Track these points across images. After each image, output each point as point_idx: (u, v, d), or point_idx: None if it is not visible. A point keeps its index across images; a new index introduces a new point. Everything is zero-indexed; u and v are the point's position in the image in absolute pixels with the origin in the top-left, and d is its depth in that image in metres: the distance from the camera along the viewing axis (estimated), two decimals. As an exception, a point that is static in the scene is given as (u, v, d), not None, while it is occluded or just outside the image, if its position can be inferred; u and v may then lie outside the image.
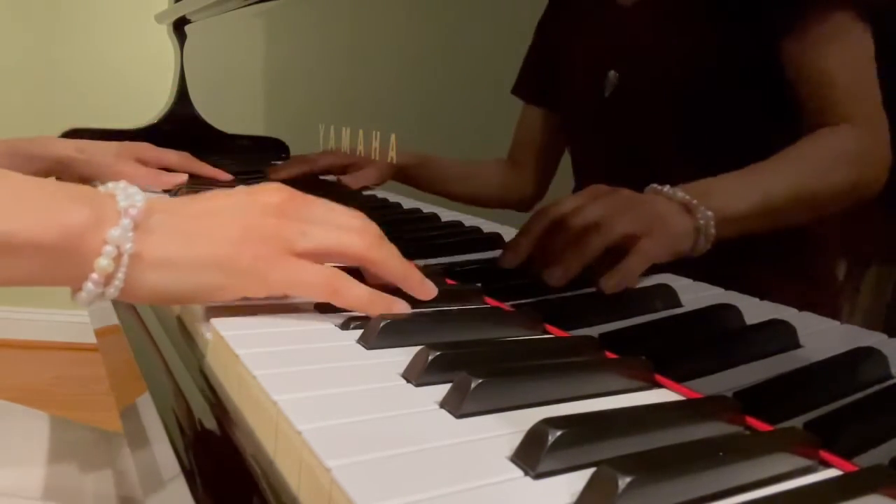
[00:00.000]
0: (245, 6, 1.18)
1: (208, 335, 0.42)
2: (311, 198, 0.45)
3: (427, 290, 0.46)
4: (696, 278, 0.45)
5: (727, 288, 0.42)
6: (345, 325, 0.43)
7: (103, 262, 0.38)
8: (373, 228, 0.46)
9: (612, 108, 0.49)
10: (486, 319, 0.45)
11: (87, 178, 0.98)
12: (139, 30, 2.07)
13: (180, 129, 1.42)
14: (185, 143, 1.32)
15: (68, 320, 2.17)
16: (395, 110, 0.79)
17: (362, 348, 0.40)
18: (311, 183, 0.90)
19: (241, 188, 0.45)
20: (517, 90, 0.58)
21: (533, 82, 0.58)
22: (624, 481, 0.25)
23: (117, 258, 0.38)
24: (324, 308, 0.45)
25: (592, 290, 0.52)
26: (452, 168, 0.68)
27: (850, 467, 0.31)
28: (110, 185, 0.41)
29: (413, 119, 0.76)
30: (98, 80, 2.17)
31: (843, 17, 0.37)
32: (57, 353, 2.16)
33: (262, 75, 1.19)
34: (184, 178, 0.99)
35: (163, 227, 0.40)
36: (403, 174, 0.76)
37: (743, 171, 0.41)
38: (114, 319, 0.56)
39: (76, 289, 0.39)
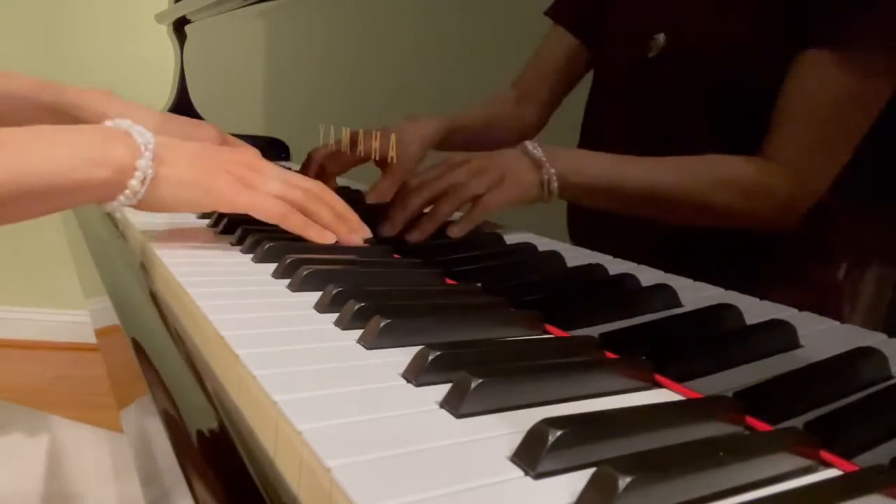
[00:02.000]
0: (245, 6, 1.18)
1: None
2: (270, 163, 0.63)
3: (350, 239, 0.62)
4: (696, 278, 0.45)
5: (727, 288, 0.42)
6: (345, 325, 0.43)
7: (135, 184, 0.55)
8: (312, 187, 0.62)
9: (651, 71, 0.49)
10: (486, 319, 0.45)
11: None
12: (139, 30, 2.07)
13: (180, 129, 1.41)
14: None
15: (68, 320, 2.17)
16: (395, 110, 0.79)
17: (362, 348, 0.40)
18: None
19: (225, 146, 0.66)
20: (554, 13, 0.57)
21: (573, 9, 0.56)
22: (624, 481, 0.25)
23: (143, 180, 0.55)
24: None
25: (592, 290, 0.52)
26: (475, 126, 0.67)
27: (850, 467, 0.31)
28: (119, 122, 0.57)
29: (413, 119, 0.76)
30: (98, 80, 2.16)
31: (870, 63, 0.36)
32: (57, 353, 2.16)
33: (262, 75, 1.19)
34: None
35: (169, 158, 0.57)
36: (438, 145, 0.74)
37: (607, 154, 0.49)
38: (114, 319, 0.56)
39: (103, 201, 0.56)
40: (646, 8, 0.52)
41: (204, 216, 0.75)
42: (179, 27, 1.50)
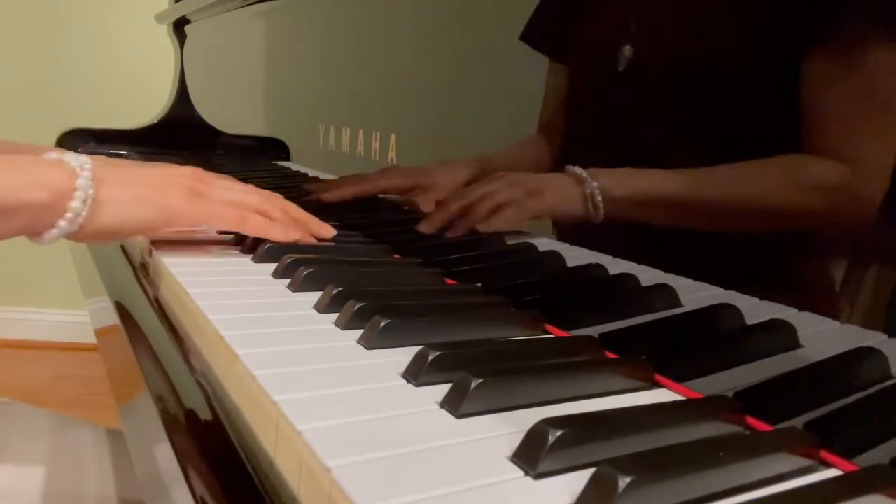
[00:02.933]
0: (245, 6, 1.18)
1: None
2: (220, 176, 0.61)
3: (308, 238, 0.61)
4: (696, 278, 0.45)
5: (727, 288, 0.42)
6: (345, 325, 0.43)
7: (75, 205, 0.50)
8: (266, 194, 0.61)
9: (623, 83, 0.51)
10: (486, 319, 0.45)
11: None
12: (139, 30, 2.07)
13: (180, 129, 1.42)
14: (185, 143, 1.32)
15: (68, 320, 2.17)
16: (395, 110, 0.79)
17: (362, 348, 0.40)
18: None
19: (168, 164, 0.62)
20: (526, 36, 0.59)
21: (542, 31, 0.58)
22: (624, 481, 0.25)
23: (85, 200, 0.50)
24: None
25: (592, 290, 0.52)
26: (505, 167, 0.68)
27: (850, 467, 0.31)
28: (51, 154, 0.53)
29: (413, 119, 0.76)
30: (98, 80, 2.17)
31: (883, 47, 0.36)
32: (57, 353, 2.16)
33: (262, 75, 1.19)
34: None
35: (108, 179, 0.53)
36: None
37: (647, 170, 0.49)
38: (114, 319, 0.56)
39: (42, 231, 0.50)
40: (612, 21, 0.53)
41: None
42: (179, 27, 1.50)
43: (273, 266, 0.55)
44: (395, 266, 0.59)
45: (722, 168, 0.44)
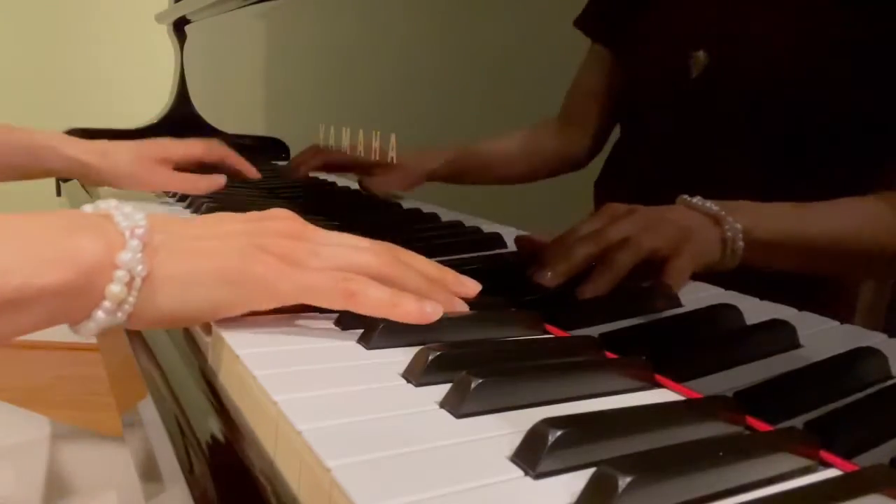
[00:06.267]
0: (245, 6, 1.18)
1: (208, 339, 0.42)
2: (321, 229, 0.45)
3: (454, 304, 0.45)
4: (696, 278, 0.45)
5: (727, 288, 0.42)
6: (345, 325, 0.43)
7: (115, 289, 0.36)
8: (387, 247, 0.45)
9: (695, 90, 0.44)
10: (486, 319, 0.45)
11: (100, 185, 0.90)
12: (139, 30, 2.07)
13: (180, 129, 1.42)
14: (185, 143, 1.31)
15: (68, 320, 2.17)
16: (395, 110, 0.79)
17: (362, 348, 0.40)
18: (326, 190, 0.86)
19: (247, 214, 0.44)
20: (582, 23, 0.51)
21: (605, 18, 0.51)
22: (624, 481, 0.25)
23: (129, 283, 0.36)
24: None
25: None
26: (495, 151, 0.62)
27: (850, 467, 0.31)
28: (101, 204, 0.39)
29: (413, 119, 0.76)
30: (98, 80, 2.17)
31: None
32: (57, 353, 2.16)
33: (262, 75, 1.19)
34: (222, 180, 0.89)
35: (168, 246, 0.38)
36: (441, 174, 0.70)
37: (789, 204, 0.40)
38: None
39: (80, 320, 0.37)
40: (685, 20, 0.46)
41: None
42: (179, 27, 1.50)
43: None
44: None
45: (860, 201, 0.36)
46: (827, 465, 0.31)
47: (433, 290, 0.43)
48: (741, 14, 0.42)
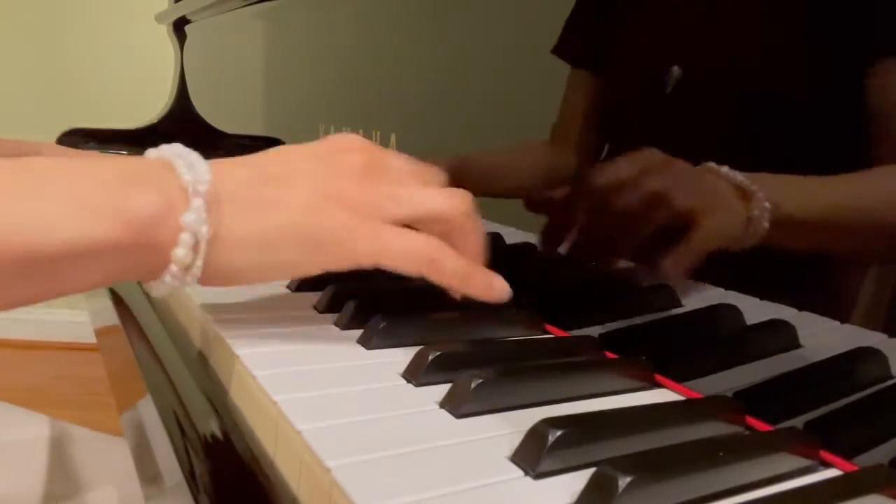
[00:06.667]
0: (245, 6, 1.18)
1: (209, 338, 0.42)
2: (392, 153, 0.40)
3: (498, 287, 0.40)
4: (696, 278, 0.45)
5: (727, 288, 0.42)
6: (345, 325, 0.43)
7: (181, 253, 0.34)
8: (462, 194, 0.40)
9: (671, 105, 0.43)
10: (486, 319, 0.45)
11: None
12: (139, 30, 2.07)
13: (180, 129, 1.42)
14: (185, 143, 1.31)
15: (68, 320, 2.17)
16: (395, 110, 0.79)
17: (362, 348, 0.40)
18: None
19: (315, 145, 0.40)
20: (560, 50, 0.51)
21: (580, 43, 0.51)
22: (624, 481, 0.25)
23: (195, 246, 0.34)
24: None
25: (593, 290, 0.52)
26: (492, 166, 0.60)
27: (850, 467, 0.31)
28: (165, 150, 0.36)
29: (413, 119, 0.76)
30: (98, 80, 2.17)
31: None
32: (57, 353, 2.16)
33: (262, 75, 1.19)
34: None
35: (234, 201, 0.35)
36: None
37: (814, 178, 0.37)
38: (114, 319, 0.56)
39: (150, 279, 0.35)
40: (657, 36, 0.46)
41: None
42: (179, 27, 1.50)
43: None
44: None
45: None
46: (827, 465, 0.31)
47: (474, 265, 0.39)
48: (709, 27, 0.42)
